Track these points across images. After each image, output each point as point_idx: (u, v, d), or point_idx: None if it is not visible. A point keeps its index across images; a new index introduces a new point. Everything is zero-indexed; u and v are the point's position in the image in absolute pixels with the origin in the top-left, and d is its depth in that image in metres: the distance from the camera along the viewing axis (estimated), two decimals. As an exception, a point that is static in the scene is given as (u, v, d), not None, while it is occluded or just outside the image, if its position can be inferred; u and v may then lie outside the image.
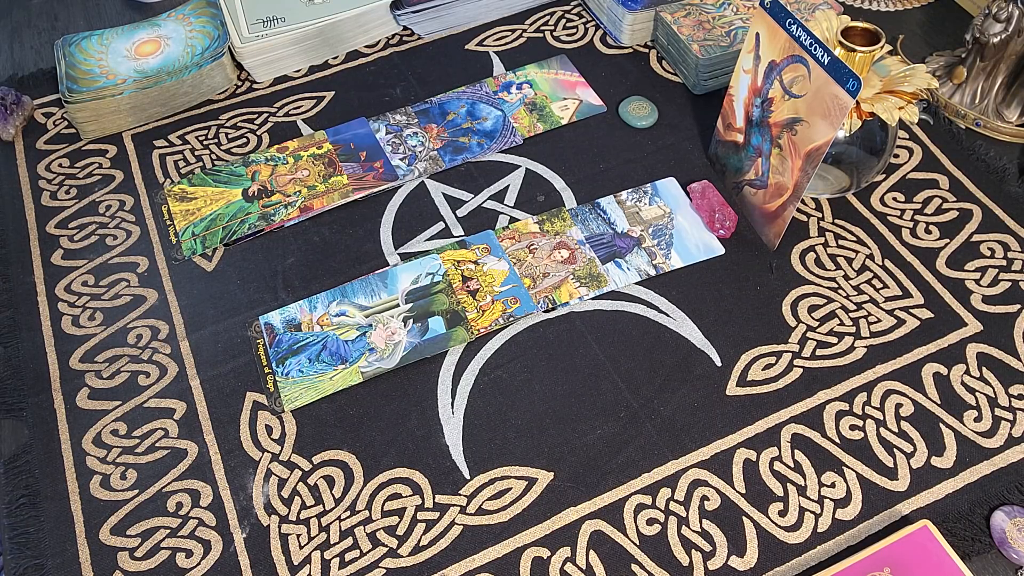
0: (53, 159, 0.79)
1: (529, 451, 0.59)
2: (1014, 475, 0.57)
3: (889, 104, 0.63)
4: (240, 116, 0.82)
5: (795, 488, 0.57)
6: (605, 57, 0.86)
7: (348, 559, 0.55)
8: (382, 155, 0.78)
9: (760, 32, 0.65)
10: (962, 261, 0.69)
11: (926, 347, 0.64)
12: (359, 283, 0.69)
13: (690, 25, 0.82)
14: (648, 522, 0.56)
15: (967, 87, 0.78)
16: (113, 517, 0.57)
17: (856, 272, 0.68)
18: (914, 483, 0.57)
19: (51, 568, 0.55)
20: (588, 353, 0.64)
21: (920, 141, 0.78)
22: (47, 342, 0.66)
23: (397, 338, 0.65)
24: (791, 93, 0.63)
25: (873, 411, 0.61)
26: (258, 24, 0.84)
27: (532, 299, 0.67)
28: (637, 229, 0.71)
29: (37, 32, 0.93)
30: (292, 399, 0.62)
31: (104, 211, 0.75)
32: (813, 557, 0.54)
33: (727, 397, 0.62)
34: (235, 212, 0.73)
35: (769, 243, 0.70)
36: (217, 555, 0.55)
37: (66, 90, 0.79)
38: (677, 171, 0.76)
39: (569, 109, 0.81)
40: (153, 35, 0.86)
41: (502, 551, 0.55)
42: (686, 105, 0.81)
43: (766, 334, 0.65)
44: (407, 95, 0.83)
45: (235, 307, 0.68)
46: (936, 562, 0.52)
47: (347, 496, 0.58)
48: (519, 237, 0.71)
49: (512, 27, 0.90)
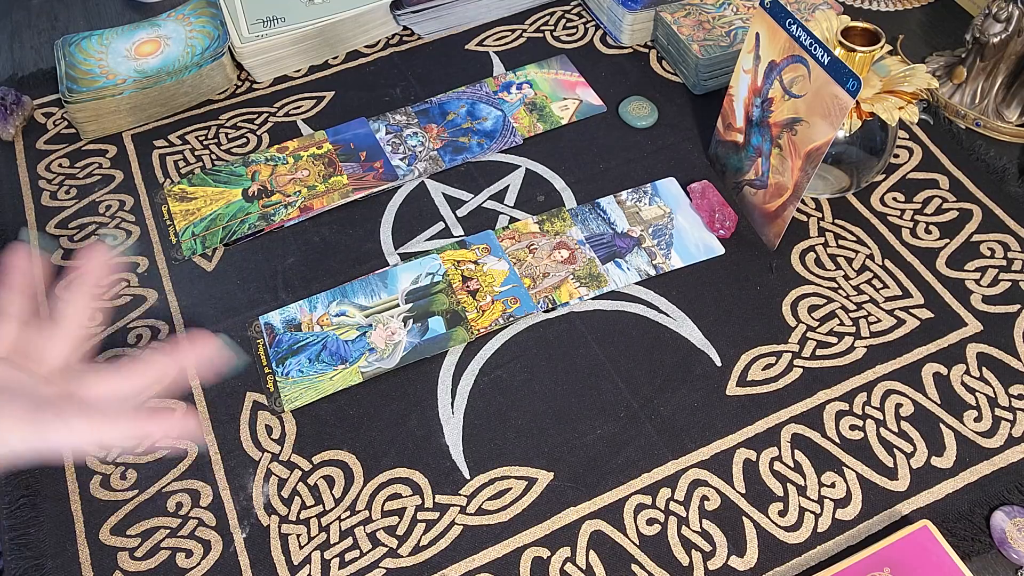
0: (53, 159, 0.79)
1: (529, 451, 0.59)
2: (1014, 475, 0.57)
3: (889, 104, 0.63)
4: (240, 116, 0.82)
5: (795, 488, 0.57)
6: (605, 57, 0.86)
7: (348, 559, 0.55)
8: (382, 155, 0.78)
9: (760, 32, 0.65)
10: (962, 261, 0.69)
11: (926, 347, 0.64)
12: (359, 283, 0.69)
13: (690, 25, 0.82)
14: (648, 522, 0.56)
15: (967, 87, 0.78)
16: (113, 517, 0.57)
17: (856, 272, 0.68)
18: (914, 483, 0.57)
19: (51, 568, 0.55)
20: (588, 353, 0.64)
21: (920, 141, 0.78)
22: (47, 342, 0.66)
23: (397, 338, 0.65)
24: (791, 93, 0.63)
25: (873, 411, 0.61)
26: (258, 24, 0.84)
27: (532, 299, 0.67)
28: (637, 229, 0.71)
29: (37, 32, 0.93)
30: (292, 399, 0.62)
31: (104, 211, 0.75)
32: (813, 557, 0.54)
33: (727, 397, 0.62)
34: (235, 212, 0.73)
35: (769, 243, 0.70)
36: (217, 555, 0.55)
37: (66, 90, 0.79)
38: (677, 171, 0.76)
39: (569, 109, 0.81)
40: (153, 35, 0.86)
41: (502, 551, 0.55)
42: (686, 105, 0.81)
43: (766, 334, 0.65)
44: (407, 95, 0.83)
45: (235, 307, 0.68)
46: (936, 562, 0.52)
47: (347, 496, 0.58)
48: (519, 237, 0.71)
49: (512, 27, 0.90)
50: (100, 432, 0.41)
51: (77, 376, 0.44)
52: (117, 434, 0.42)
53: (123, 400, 0.44)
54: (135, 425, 0.42)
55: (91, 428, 0.41)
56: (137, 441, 0.47)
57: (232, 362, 0.54)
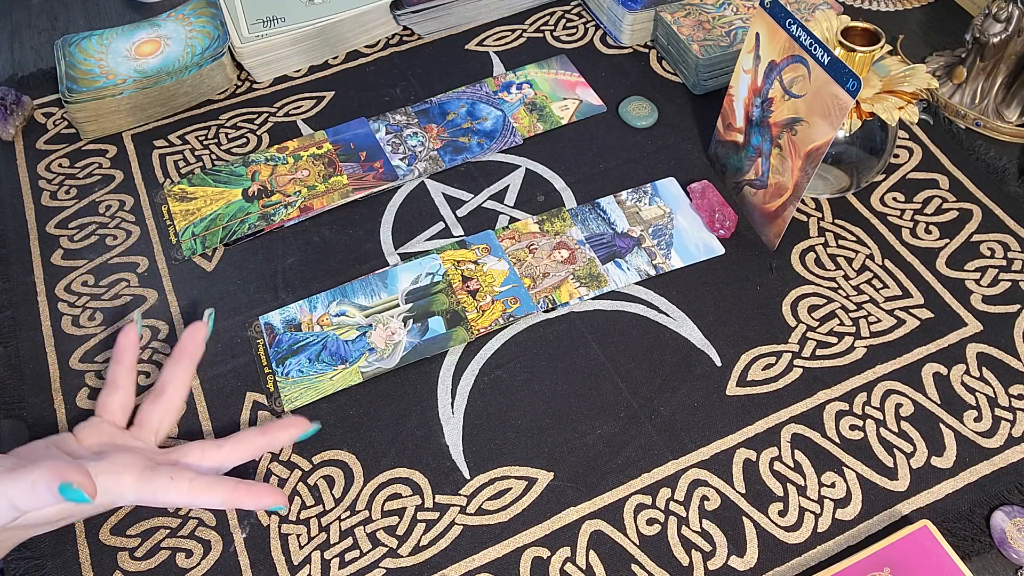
0: (53, 159, 0.79)
1: (529, 451, 0.59)
2: (1014, 475, 0.57)
3: (889, 104, 0.63)
4: (240, 116, 0.82)
5: (795, 488, 0.57)
6: (605, 57, 0.86)
7: (348, 559, 0.55)
8: (382, 155, 0.78)
9: (760, 32, 0.65)
10: (962, 261, 0.69)
11: (926, 347, 0.64)
12: (359, 283, 0.69)
13: (690, 25, 0.82)
14: (648, 522, 0.56)
15: (967, 87, 0.78)
16: (113, 517, 0.57)
17: (856, 272, 0.68)
18: (914, 483, 0.57)
19: (51, 568, 0.55)
20: (588, 353, 0.64)
21: (920, 141, 0.78)
22: (47, 342, 0.66)
23: (397, 338, 0.65)
24: (791, 93, 0.63)
25: (873, 411, 0.61)
26: (258, 24, 0.84)
27: (532, 299, 0.67)
28: (637, 229, 0.71)
29: (37, 32, 0.93)
30: (292, 399, 0.62)
31: (104, 211, 0.75)
32: (813, 557, 0.54)
33: (727, 397, 0.62)
34: (235, 212, 0.73)
35: (769, 243, 0.70)
36: (217, 555, 0.55)
37: (66, 90, 0.79)
38: (677, 171, 0.76)
39: (569, 109, 0.81)
40: (153, 35, 0.86)
41: (502, 551, 0.55)
42: (686, 105, 0.81)
43: (766, 334, 0.65)
44: (407, 95, 0.83)
45: (235, 307, 0.68)
46: (936, 562, 0.52)
47: (347, 496, 0.58)
48: (519, 237, 0.71)
49: (512, 27, 0.90)
50: (199, 497, 0.50)
51: (182, 446, 0.54)
52: (213, 500, 0.51)
53: (219, 469, 0.54)
54: (230, 495, 0.51)
55: (192, 492, 0.50)
56: (229, 507, 0.55)
57: (312, 430, 0.58)
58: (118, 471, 0.49)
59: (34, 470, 0.45)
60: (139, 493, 0.49)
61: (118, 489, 0.49)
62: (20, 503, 0.45)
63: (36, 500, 0.45)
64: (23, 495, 0.44)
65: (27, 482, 0.44)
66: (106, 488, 0.48)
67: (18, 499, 0.45)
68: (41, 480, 0.44)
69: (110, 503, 0.50)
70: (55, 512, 0.49)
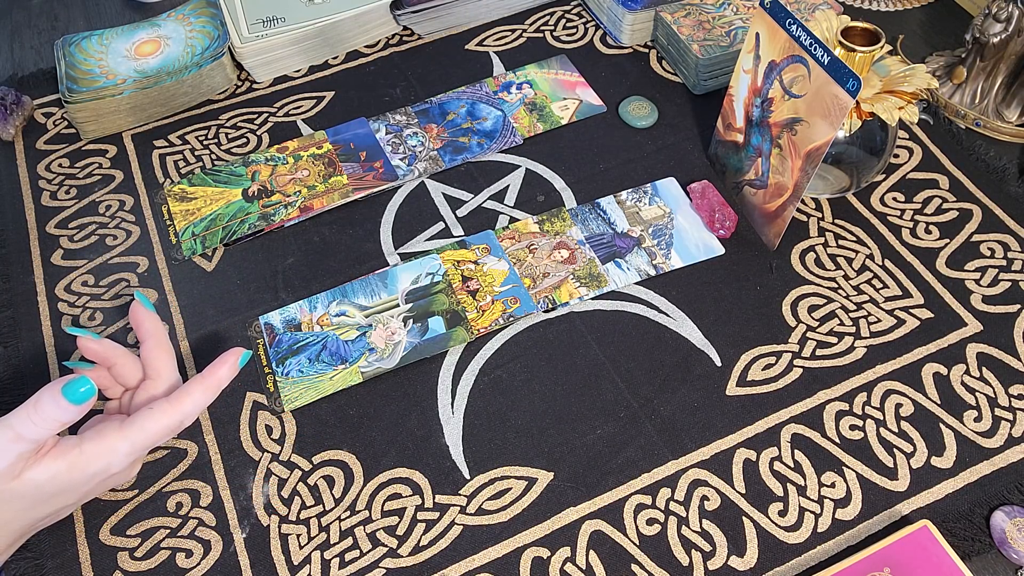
0: (53, 159, 0.79)
1: (529, 451, 0.59)
2: (1014, 475, 0.57)
3: (889, 104, 0.63)
4: (240, 116, 0.82)
5: (795, 488, 0.57)
6: (605, 57, 0.86)
7: (348, 559, 0.55)
8: (382, 155, 0.78)
9: (760, 32, 0.65)
10: (962, 261, 0.69)
11: (926, 347, 0.64)
12: (359, 283, 0.69)
13: (690, 25, 0.82)
14: (648, 522, 0.56)
15: (967, 87, 0.78)
16: (113, 517, 0.57)
17: (856, 272, 0.68)
18: (914, 483, 0.57)
19: (51, 568, 0.55)
20: (588, 353, 0.64)
21: (920, 141, 0.78)
22: (47, 342, 0.66)
23: (397, 338, 0.65)
24: (791, 93, 0.63)
25: (873, 411, 0.61)
26: (258, 24, 0.84)
27: (532, 299, 0.67)
28: (637, 229, 0.71)
29: (37, 32, 0.93)
30: (292, 399, 0.62)
31: (104, 211, 0.75)
32: (813, 557, 0.54)
33: (727, 397, 0.62)
34: (235, 212, 0.73)
35: (769, 243, 0.70)
36: (217, 555, 0.55)
37: (66, 90, 0.79)
38: (677, 171, 0.76)
39: (569, 109, 0.81)
40: (153, 35, 0.86)
41: (502, 551, 0.55)
42: (686, 105, 0.81)
43: (766, 334, 0.65)
44: (407, 95, 0.83)
45: (235, 307, 0.68)
46: (936, 562, 0.52)
47: (347, 496, 0.58)
48: (519, 237, 0.71)
49: (512, 27, 0.90)
50: (182, 404, 0.51)
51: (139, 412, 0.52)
52: (195, 400, 0.51)
53: (179, 427, 0.53)
54: (204, 381, 0.52)
55: (173, 404, 0.51)
56: (212, 392, 0.53)
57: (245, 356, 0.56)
58: (99, 431, 0.49)
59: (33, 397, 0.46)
60: (129, 438, 0.49)
61: (107, 444, 0.49)
62: (24, 430, 0.45)
63: (40, 416, 0.45)
64: (25, 421, 0.45)
65: (28, 406, 0.45)
66: (96, 453, 0.48)
67: (21, 426, 0.45)
68: (43, 394, 0.45)
69: (106, 467, 0.49)
70: (78, 479, 0.49)
